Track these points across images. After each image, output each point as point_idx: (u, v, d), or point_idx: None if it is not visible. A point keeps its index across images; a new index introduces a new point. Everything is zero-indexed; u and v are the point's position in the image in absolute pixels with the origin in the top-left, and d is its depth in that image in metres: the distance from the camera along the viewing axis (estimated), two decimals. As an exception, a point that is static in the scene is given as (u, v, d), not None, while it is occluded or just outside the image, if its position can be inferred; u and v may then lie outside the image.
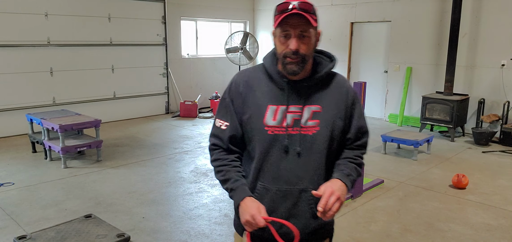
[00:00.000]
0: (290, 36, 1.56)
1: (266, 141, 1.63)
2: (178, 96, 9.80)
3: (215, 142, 1.73)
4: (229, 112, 1.69)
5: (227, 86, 1.75)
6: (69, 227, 3.20)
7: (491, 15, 7.40)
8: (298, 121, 1.62)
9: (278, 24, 1.55)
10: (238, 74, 1.75)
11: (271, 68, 1.67)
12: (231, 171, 1.67)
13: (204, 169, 5.67)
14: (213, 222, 4.05)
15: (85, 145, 5.76)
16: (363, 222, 4.07)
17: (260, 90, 1.66)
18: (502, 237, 3.81)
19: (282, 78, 1.64)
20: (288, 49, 1.56)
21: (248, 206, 1.56)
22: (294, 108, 1.63)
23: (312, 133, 1.62)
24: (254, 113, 1.64)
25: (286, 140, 1.62)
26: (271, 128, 1.62)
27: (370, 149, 6.62)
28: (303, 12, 1.52)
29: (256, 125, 1.64)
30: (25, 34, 7.27)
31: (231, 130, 1.68)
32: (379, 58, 9.17)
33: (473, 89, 7.78)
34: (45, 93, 7.66)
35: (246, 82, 1.69)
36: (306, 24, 1.55)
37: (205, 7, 10.13)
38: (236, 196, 1.62)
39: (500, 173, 5.63)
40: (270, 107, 1.63)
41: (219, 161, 1.70)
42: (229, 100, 1.70)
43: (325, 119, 1.64)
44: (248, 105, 1.66)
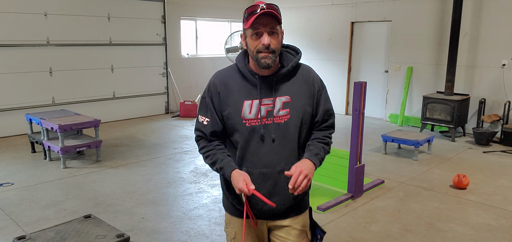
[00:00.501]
0: (261, 34, 1.76)
1: (245, 132, 1.85)
2: (177, 96, 9.79)
3: (199, 134, 1.95)
4: (209, 110, 1.91)
5: (206, 86, 1.95)
6: (68, 228, 3.18)
7: (491, 15, 7.39)
8: (271, 111, 1.84)
9: (250, 24, 1.75)
10: (215, 75, 1.95)
11: (243, 67, 1.87)
12: (217, 153, 1.89)
13: (204, 169, 5.66)
14: (213, 222, 4.04)
15: (84, 145, 5.74)
16: (364, 222, 4.06)
17: (236, 88, 1.86)
18: (503, 237, 3.80)
19: (254, 76, 1.85)
20: (261, 45, 1.75)
21: (236, 177, 1.79)
22: (266, 101, 1.84)
23: (284, 121, 1.84)
24: (232, 109, 1.85)
25: (262, 129, 1.84)
26: (248, 121, 1.84)
27: (370, 149, 6.64)
28: (272, 10, 1.74)
29: (235, 119, 1.85)
30: (24, 34, 7.26)
31: (212, 124, 1.90)
32: (379, 58, 9.16)
33: (473, 89, 7.76)
34: (44, 93, 7.64)
35: (223, 82, 1.89)
36: (274, 22, 1.76)
37: (205, 7, 10.12)
38: (226, 171, 1.84)
39: (501, 173, 5.62)
40: (245, 103, 1.84)
41: (205, 148, 1.93)
42: (208, 99, 1.91)
43: (295, 107, 1.85)
44: (226, 103, 1.86)
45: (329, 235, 3.76)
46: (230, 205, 2.03)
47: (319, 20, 9.86)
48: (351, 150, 4.59)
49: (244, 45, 1.86)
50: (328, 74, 9.64)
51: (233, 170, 1.83)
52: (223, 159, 1.87)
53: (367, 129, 7.76)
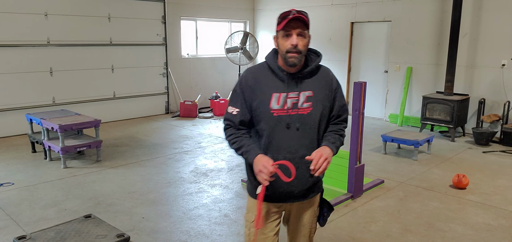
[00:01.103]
0: (291, 35, 2.02)
1: (272, 121, 2.09)
2: (178, 96, 9.80)
3: (228, 123, 2.18)
4: (240, 101, 2.15)
5: (238, 81, 2.21)
6: (68, 227, 3.19)
7: (491, 15, 7.39)
8: (296, 103, 2.10)
9: (283, 26, 2.01)
10: (246, 71, 2.22)
11: (273, 64, 2.14)
12: (243, 140, 2.14)
13: (204, 169, 5.67)
14: (213, 222, 4.05)
15: (84, 145, 5.75)
16: (363, 222, 4.07)
17: (265, 82, 2.12)
18: (503, 237, 3.80)
19: (282, 72, 2.11)
20: (290, 45, 2.01)
21: (259, 160, 2.03)
22: (292, 95, 2.10)
23: (307, 112, 2.11)
24: (261, 100, 2.10)
25: (288, 119, 2.09)
26: (275, 111, 2.09)
27: (370, 149, 6.65)
28: (302, 16, 2.01)
29: (263, 109, 2.10)
30: (25, 34, 7.26)
31: (241, 114, 2.14)
32: (379, 58, 9.17)
33: (473, 89, 7.77)
34: (44, 93, 7.65)
35: (254, 77, 2.15)
36: (303, 26, 2.03)
37: (205, 7, 10.13)
38: (250, 155, 2.08)
39: (501, 173, 5.62)
40: (274, 95, 2.09)
41: (233, 135, 2.16)
42: (240, 91, 2.15)
43: (316, 101, 2.12)
44: (256, 94, 2.11)
45: (329, 235, 3.77)
46: (254, 190, 2.21)
47: (319, 20, 9.86)
48: (351, 149, 4.60)
49: (275, 45, 2.13)
50: (328, 74, 9.65)
51: (257, 155, 2.06)
52: (249, 145, 2.11)
53: (367, 129, 7.77)
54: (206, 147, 6.78)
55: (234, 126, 2.16)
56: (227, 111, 2.19)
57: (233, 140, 2.15)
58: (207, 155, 6.35)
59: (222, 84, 10.69)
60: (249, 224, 2.28)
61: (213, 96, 9.96)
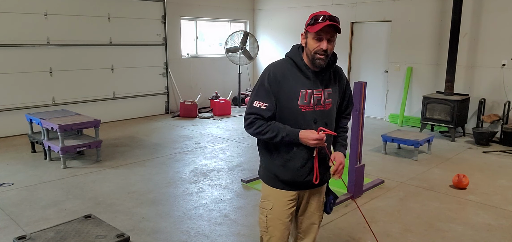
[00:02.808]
0: (322, 39, 2.13)
1: (300, 116, 2.21)
2: (178, 96, 9.79)
3: (256, 116, 2.23)
4: (268, 96, 2.21)
5: (263, 75, 2.26)
6: (68, 227, 3.18)
7: (491, 15, 7.39)
8: (320, 100, 2.24)
9: (317, 30, 2.09)
10: (273, 66, 2.27)
11: (300, 61, 2.23)
12: (276, 126, 2.20)
13: (204, 169, 5.66)
14: (213, 222, 4.04)
15: (84, 145, 5.75)
16: (363, 222, 4.06)
17: (293, 79, 2.22)
18: (503, 237, 3.80)
19: (308, 69, 2.22)
20: (320, 48, 2.13)
21: (307, 134, 2.16)
22: (317, 92, 2.23)
23: (328, 108, 2.28)
24: (289, 96, 2.20)
25: (314, 115, 2.23)
26: (303, 107, 2.21)
27: (370, 149, 6.66)
28: (336, 23, 2.11)
29: (292, 104, 2.20)
30: (24, 34, 7.26)
31: (270, 109, 2.21)
32: (379, 58, 9.16)
33: (473, 89, 7.76)
34: (44, 93, 7.65)
35: (281, 73, 2.22)
36: (334, 33, 2.14)
37: (205, 7, 10.12)
38: (293, 135, 2.18)
39: (501, 173, 5.62)
40: (301, 92, 2.20)
41: (263, 126, 2.21)
42: (268, 85, 2.21)
43: (334, 97, 2.31)
44: (284, 90, 2.20)
45: (329, 235, 3.76)
46: (273, 178, 2.34)
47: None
48: (351, 150, 4.60)
49: (303, 43, 2.22)
50: (328, 74, 9.64)
51: (299, 131, 2.17)
52: (286, 127, 2.19)
53: (367, 129, 7.76)
54: (206, 147, 6.78)
55: (263, 119, 2.21)
56: (253, 106, 2.23)
57: (265, 129, 2.20)
58: (207, 155, 6.35)
59: (222, 84, 10.69)
60: (265, 211, 2.38)
61: (213, 96, 9.96)
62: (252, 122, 2.24)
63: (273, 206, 2.36)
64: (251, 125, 2.25)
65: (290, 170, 2.28)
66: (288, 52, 2.31)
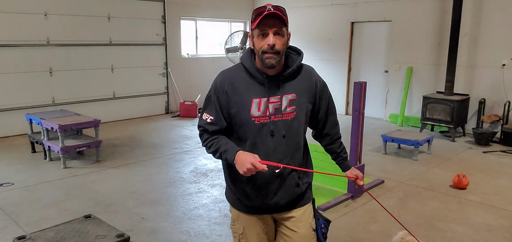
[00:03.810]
0: (267, 34, 1.82)
1: (254, 129, 1.90)
2: (178, 96, 9.79)
3: (202, 129, 2.01)
4: (214, 108, 1.95)
5: (212, 85, 1.98)
6: (68, 228, 3.18)
7: (491, 15, 7.39)
8: (279, 109, 1.91)
9: (257, 24, 1.80)
10: (221, 74, 1.98)
11: (251, 66, 1.92)
12: (220, 141, 1.94)
13: (204, 169, 5.66)
14: (213, 222, 4.04)
15: (84, 145, 5.75)
16: (363, 222, 4.06)
17: (243, 87, 1.91)
18: (503, 237, 3.80)
19: (262, 74, 1.90)
20: (266, 45, 1.81)
21: (244, 158, 1.81)
22: (274, 99, 1.90)
23: (291, 118, 1.93)
24: (240, 107, 1.90)
25: (271, 126, 1.90)
26: (257, 118, 1.89)
27: (370, 149, 6.64)
28: (278, 12, 1.81)
29: (243, 116, 1.90)
30: (24, 34, 7.26)
31: (214, 123, 1.95)
32: (379, 58, 9.16)
33: (473, 89, 7.76)
34: (44, 93, 7.65)
35: (230, 81, 1.92)
36: (280, 24, 1.82)
37: (205, 7, 10.12)
38: (230, 154, 1.86)
39: (501, 173, 5.62)
40: (254, 101, 1.89)
41: (208, 140, 1.98)
42: (214, 97, 1.94)
43: (299, 104, 1.94)
44: (234, 101, 1.90)
45: (329, 235, 3.76)
46: (237, 201, 2.06)
47: (319, 20, 9.86)
48: (351, 149, 4.60)
49: (251, 45, 1.92)
50: (328, 74, 9.64)
51: (238, 151, 1.85)
52: (227, 143, 1.92)
53: (367, 129, 7.75)
54: (206, 147, 6.77)
55: (209, 133, 1.99)
56: (201, 118, 2.01)
57: (209, 143, 1.97)
58: (207, 155, 6.34)
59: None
60: (237, 235, 2.09)
61: (213, 96, 9.94)
62: (201, 135, 2.03)
63: (244, 230, 2.06)
64: (200, 138, 2.04)
65: (250, 192, 1.97)
66: (241, 58, 1.99)
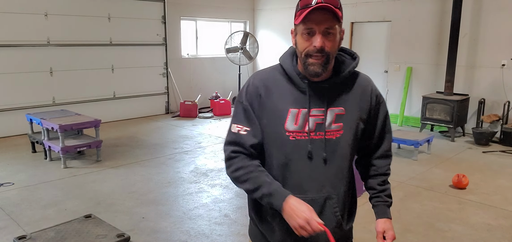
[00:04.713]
0: (314, 33, 1.45)
1: (288, 147, 1.53)
2: (178, 96, 9.79)
3: (235, 149, 1.57)
4: (249, 117, 1.57)
5: (242, 89, 1.62)
6: (68, 227, 3.19)
7: (491, 15, 7.39)
8: (321, 124, 1.53)
9: (302, 19, 1.44)
10: (254, 75, 1.62)
11: (290, 69, 1.55)
12: (261, 176, 1.52)
13: (204, 169, 5.67)
14: (213, 222, 4.05)
15: (85, 145, 5.75)
16: (363, 222, 4.07)
17: (279, 93, 1.55)
18: (502, 237, 3.80)
19: (303, 80, 1.53)
20: (312, 47, 1.45)
21: (297, 208, 1.44)
22: (316, 112, 1.53)
23: (336, 137, 1.55)
24: (273, 117, 1.54)
25: (309, 145, 1.52)
26: (292, 133, 1.52)
27: (370, 149, 6.64)
28: (330, 5, 1.41)
29: (276, 129, 1.53)
30: (25, 34, 7.26)
31: (253, 134, 1.55)
32: (379, 58, 9.17)
33: (473, 89, 7.77)
34: (45, 93, 7.65)
35: (265, 84, 1.57)
36: (332, 20, 1.44)
37: (205, 7, 10.13)
38: (276, 199, 1.48)
39: (501, 173, 5.62)
40: (291, 111, 1.53)
41: (243, 168, 1.55)
42: (247, 104, 1.57)
43: (348, 121, 1.56)
44: (266, 109, 1.55)
45: (329, 235, 3.76)
46: (259, 234, 1.69)
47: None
48: (351, 150, 4.59)
49: (293, 43, 1.56)
50: (328, 74, 9.65)
51: (287, 196, 1.47)
52: (272, 183, 1.51)
53: (367, 129, 7.77)
54: (206, 147, 6.78)
55: (244, 152, 1.56)
56: (231, 132, 1.59)
57: (245, 175, 1.54)
58: (207, 155, 6.35)
59: (222, 84, 10.69)
60: None
61: (213, 96, 9.96)
62: (230, 158, 1.59)
63: None
64: (229, 162, 1.61)
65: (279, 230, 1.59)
66: (280, 58, 1.64)
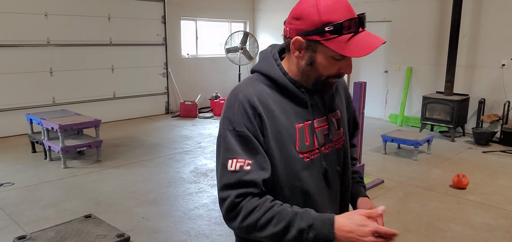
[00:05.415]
0: (344, 57, 1.23)
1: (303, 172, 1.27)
2: (178, 96, 9.79)
3: (240, 192, 1.19)
4: (249, 145, 1.21)
5: (227, 113, 1.25)
6: (68, 227, 3.19)
7: (491, 15, 7.39)
8: (327, 135, 1.34)
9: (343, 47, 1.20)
10: (239, 92, 1.27)
11: (283, 79, 1.29)
12: (285, 209, 1.19)
13: (204, 169, 5.67)
14: (213, 222, 4.05)
15: (85, 145, 5.75)
16: (363, 222, 4.06)
17: (279, 109, 1.26)
18: (502, 237, 3.80)
19: (300, 89, 1.30)
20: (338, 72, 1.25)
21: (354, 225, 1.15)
22: (319, 122, 1.33)
23: (341, 145, 1.39)
24: (282, 140, 1.24)
25: (323, 162, 1.31)
26: (306, 154, 1.27)
27: (370, 149, 6.64)
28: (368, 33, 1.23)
29: (288, 153, 1.24)
30: (24, 34, 7.26)
31: (260, 167, 1.21)
32: (379, 58, 9.17)
33: (473, 89, 7.77)
34: (44, 93, 7.65)
35: (260, 101, 1.25)
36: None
37: (205, 7, 10.13)
38: (322, 228, 1.15)
39: (500, 173, 5.62)
40: (298, 127, 1.27)
41: (259, 209, 1.18)
42: (242, 129, 1.21)
43: (344, 124, 1.43)
44: (271, 132, 1.24)
45: (329, 235, 3.76)
46: None
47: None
48: (351, 150, 4.59)
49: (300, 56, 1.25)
50: (328, 74, 9.65)
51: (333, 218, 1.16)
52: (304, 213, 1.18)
53: (367, 129, 7.76)
54: (206, 147, 6.78)
55: (253, 192, 1.19)
56: (227, 171, 1.20)
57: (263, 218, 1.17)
58: (207, 155, 6.35)
59: (222, 84, 10.69)
60: None
61: (213, 96, 9.96)
62: (235, 205, 1.19)
63: None
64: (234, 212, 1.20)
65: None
66: (256, 66, 1.37)
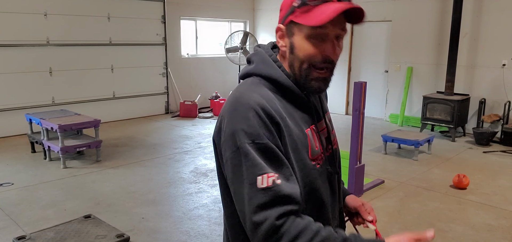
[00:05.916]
0: (326, 37, 1.11)
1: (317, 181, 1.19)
2: (177, 96, 9.79)
3: (282, 211, 1.04)
4: (272, 157, 1.08)
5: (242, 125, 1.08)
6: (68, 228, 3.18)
7: (491, 15, 7.39)
8: (328, 137, 1.29)
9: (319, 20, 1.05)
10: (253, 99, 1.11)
11: (287, 81, 1.18)
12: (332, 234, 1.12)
13: (204, 169, 5.66)
14: (213, 222, 4.04)
15: (84, 145, 5.74)
16: (364, 222, 4.06)
17: (287, 115, 1.16)
18: (503, 237, 3.80)
19: (302, 90, 1.21)
20: (321, 56, 1.12)
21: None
22: (320, 124, 1.28)
23: (336, 146, 1.35)
24: (297, 149, 1.15)
25: (328, 166, 1.25)
26: (316, 160, 1.20)
27: (370, 149, 6.64)
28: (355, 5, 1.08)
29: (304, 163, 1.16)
30: (24, 34, 7.25)
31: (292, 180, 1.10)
32: (379, 58, 9.16)
33: (474, 89, 7.76)
34: (44, 93, 7.64)
35: (273, 108, 1.13)
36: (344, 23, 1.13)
37: (205, 7, 10.12)
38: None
39: (501, 173, 5.61)
40: (307, 133, 1.19)
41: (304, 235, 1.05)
42: (263, 141, 1.07)
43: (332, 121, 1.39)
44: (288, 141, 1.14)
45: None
46: None
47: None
48: (351, 150, 4.59)
49: (283, 45, 1.17)
50: (328, 74, 9.64)
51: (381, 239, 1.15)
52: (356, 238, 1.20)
53: (367, 129, 7.75)
54: (206, 147, 6.78)
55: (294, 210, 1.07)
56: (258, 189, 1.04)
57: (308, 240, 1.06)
58: (207, 155, 6.35)
59: (222, 84, 10.68)
60: None
61: (213, 96, 9.95)
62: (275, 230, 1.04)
63: None
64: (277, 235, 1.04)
65: None
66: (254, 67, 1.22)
